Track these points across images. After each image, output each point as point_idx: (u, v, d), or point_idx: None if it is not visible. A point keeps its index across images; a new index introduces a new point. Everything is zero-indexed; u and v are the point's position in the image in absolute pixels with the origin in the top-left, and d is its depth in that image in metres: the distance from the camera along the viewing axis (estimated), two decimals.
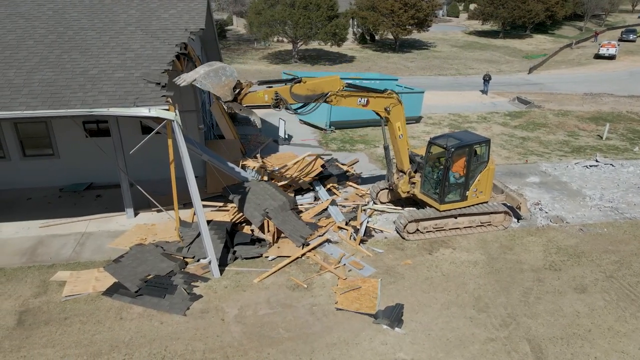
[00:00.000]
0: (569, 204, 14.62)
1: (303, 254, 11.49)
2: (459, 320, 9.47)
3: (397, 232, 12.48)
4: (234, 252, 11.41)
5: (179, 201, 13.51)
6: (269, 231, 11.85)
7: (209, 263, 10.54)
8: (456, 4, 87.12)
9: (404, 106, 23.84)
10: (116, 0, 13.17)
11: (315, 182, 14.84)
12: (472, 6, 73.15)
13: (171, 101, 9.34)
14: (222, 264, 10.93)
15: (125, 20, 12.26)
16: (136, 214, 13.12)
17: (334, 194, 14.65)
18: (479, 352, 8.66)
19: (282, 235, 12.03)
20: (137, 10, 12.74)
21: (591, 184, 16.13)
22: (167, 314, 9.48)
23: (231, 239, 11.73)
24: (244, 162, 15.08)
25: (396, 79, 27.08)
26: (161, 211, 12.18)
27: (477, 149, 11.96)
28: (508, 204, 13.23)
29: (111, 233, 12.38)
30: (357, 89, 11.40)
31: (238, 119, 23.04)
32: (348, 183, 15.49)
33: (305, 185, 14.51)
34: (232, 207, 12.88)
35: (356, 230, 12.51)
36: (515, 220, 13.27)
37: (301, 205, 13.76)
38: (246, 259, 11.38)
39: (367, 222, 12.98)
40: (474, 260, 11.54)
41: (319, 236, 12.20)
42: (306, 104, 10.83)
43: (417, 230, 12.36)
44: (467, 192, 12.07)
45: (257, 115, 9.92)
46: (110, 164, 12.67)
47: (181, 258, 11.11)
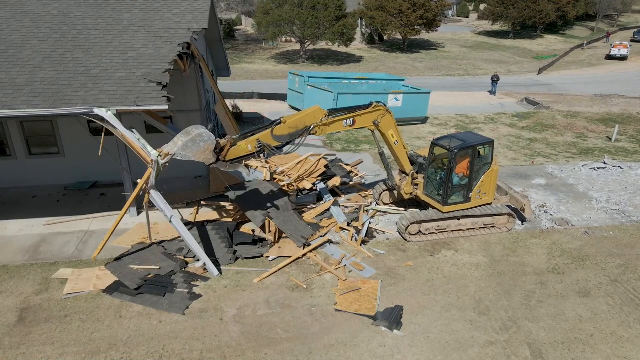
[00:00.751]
0: (575, 206, 14.44)
1: (304, 255, 11.46)
2: (458, 323, 9.37)
3: (399, 234, 12.40)
4: (235, 252, 11.41)
5: (183, 200, 13.60)
6: (270, 231, 11.84)
7: (204, 265, 10.57)
8: (466, 4, 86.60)
9: (411, 106, 23.84)
10: (121, 0, 13.24)
11: (318, 182, 14.80)
12: (482, 6, 72.67)
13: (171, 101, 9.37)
14: (223, 264, 10.94)
15: (129, 19, 12.32)
16: (139, 213, 13.17)
17: (337, 194, 14.60)
18: (478, 356, 8.56)
19: (283, 235, 12.01)
20: (141, 10, 12.80)
21: (598, 186, 15.92)
22: (167, 313, 9.49)
23: (232, 238, 11.73)
24: (246, 162, 15.07)
25: (403, 80, 27.01)
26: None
27: (481, 150, 11.84)
28: (512, 206, 13.09)
29: (114, 231, 12.41)
30: (340, 113, 11.25)
31: (244, 119, 23.09)
32: (351, 183, 15.43)
33: (308, 186, 14.48)
34: (234, 206, 12.89)
35: (358, 231, 12.45)
36: (519, 222, 13.13)
37: (303, 205, 13.73)
38: (247, 258, 11.37)
39: (369, 223, 12.91)
40: (476, 262, 11.43)
41: (321, 237, 12.15)
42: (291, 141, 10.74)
43: (420, 231, 12.27)
44: (471, 193, 11.96)
45: (244, 168, 9.96)
46: (115, 162, 12.73)
47: (182, 258, 11.13)
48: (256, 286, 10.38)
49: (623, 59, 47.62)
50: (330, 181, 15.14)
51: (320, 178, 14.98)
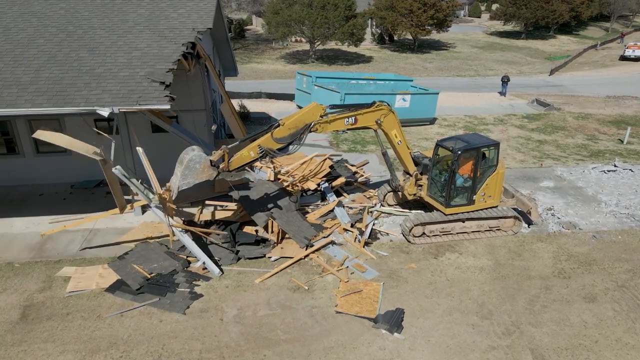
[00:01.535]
0: (583, 209, 14.21)
1: (306, 255, 11.41)
2: (460, 327, 9.26)
3: (403, 236, 12.30)
4: (237, 252, 11.41)
5: (187, 200, 13.59)
6: (273, 231, 11.81)
7: (203, 264, 10.60)
8: (478, 4, 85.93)
9: (418, 107, 23.67)
10: (127, 0, 13.31)
11: (323, 182, 14.73)
12: (495, 6, 72.05)
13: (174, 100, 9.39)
14: (225, 264, 10.94)
15: (135, 19, 12.37)
16: (143, 212, 13.22)
17: (342, 195, 14.53)
18: None
19: (286, 235, 11.97)
20: (146, 9, 12.85)
21: (608, 189, 15.66)
22: (167, 312, 9.51)
23: (235, 238, 11.72)
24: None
25: (411, 80, 26.85)
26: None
27: (485, 152, 11.69)
28: (518, 209, 12.91)
29: (118, 230, 12.50)
30: (342, 110, 11.22)
31: (251, 118, 23.12)
32: (356, 184, 15.35)
33: (312, 186, 14.42)
34: (238, 206, 12.88)
35: (361, 233, 12.38)
36: (525, 225, 12.95)
37: (307, 206, 13.69)
38: (249, 259, 11.36)
39: (373, 225, 12.83)
40: (480, 265, 11.29)
41: (324, 237, 12.10)
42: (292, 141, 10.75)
43: (424, 233, 12.16)
44: (474, 196, 11.82)
45: (250, 173, 10.52)
46: (121, 162, 12.78)
47: (184, 257, 11.15)
48: (257, 287, 10.36)
49: (637, 60, 46.87)
50: (335, 182, 15.08)
51: (325, 178, 14.92)
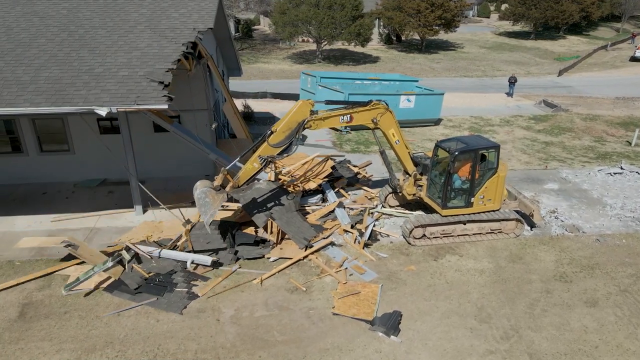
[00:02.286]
0: (588, 212, 14.02)
1: (305, 256, 11.37)
2: (458, 331, 9.16)
3: (403, 237, 12.21)
4: (236, 253, 11.39)
5: (187, 200, 13.61)
6: (272, 232, 11.78)
7: (192, 262, 10.79)
8: (487, 4, 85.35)
9: (423, 108, 23.51)
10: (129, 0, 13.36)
11: (324, 183, 14.68)
12: (504, 6, 71.50)
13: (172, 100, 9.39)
14: (224, 264, 10.94)
15: (136, 19, 12.40)
16: (145, 211, 13.26)
17: (343, 195, 14.47)
18: None
19: (285, 236, 11.94)
20: (148, 9, 12.88)
21: (613, 192, 15.44)
22: (164, 312, 9.51)
23: (235, 239, 11.71)
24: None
25: (416, 80, 26.70)
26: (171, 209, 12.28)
27: (484, 154, 11.56)
28: (521, 211, 12.76)
29: (119, 229, 12.53)
30: (336, 107, 11.23)
31: (255, 118, 23.12)
32: (358, 185, 15.28)
33: (313, 186, 14.37)
34: (237, 206, 12.86)
35: (361, 234, 12.31)
36: (527, 228, 12.80)
37: (308, 206, 13.64)
38: (248, 259, 11.34)
39: (373, 226, 12.75)
40: (480, 268, 11.17)
41: (324, 238, 12.04)
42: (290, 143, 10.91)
43: (424, 235, 12.06)
44: (472, 198, 11.69)
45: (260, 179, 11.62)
46: (123, 161, 12.85)
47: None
48: (255, 287, 10.34)
49: None
50: (336, 182, 15.02)
51: (326, 179, 14.86)
